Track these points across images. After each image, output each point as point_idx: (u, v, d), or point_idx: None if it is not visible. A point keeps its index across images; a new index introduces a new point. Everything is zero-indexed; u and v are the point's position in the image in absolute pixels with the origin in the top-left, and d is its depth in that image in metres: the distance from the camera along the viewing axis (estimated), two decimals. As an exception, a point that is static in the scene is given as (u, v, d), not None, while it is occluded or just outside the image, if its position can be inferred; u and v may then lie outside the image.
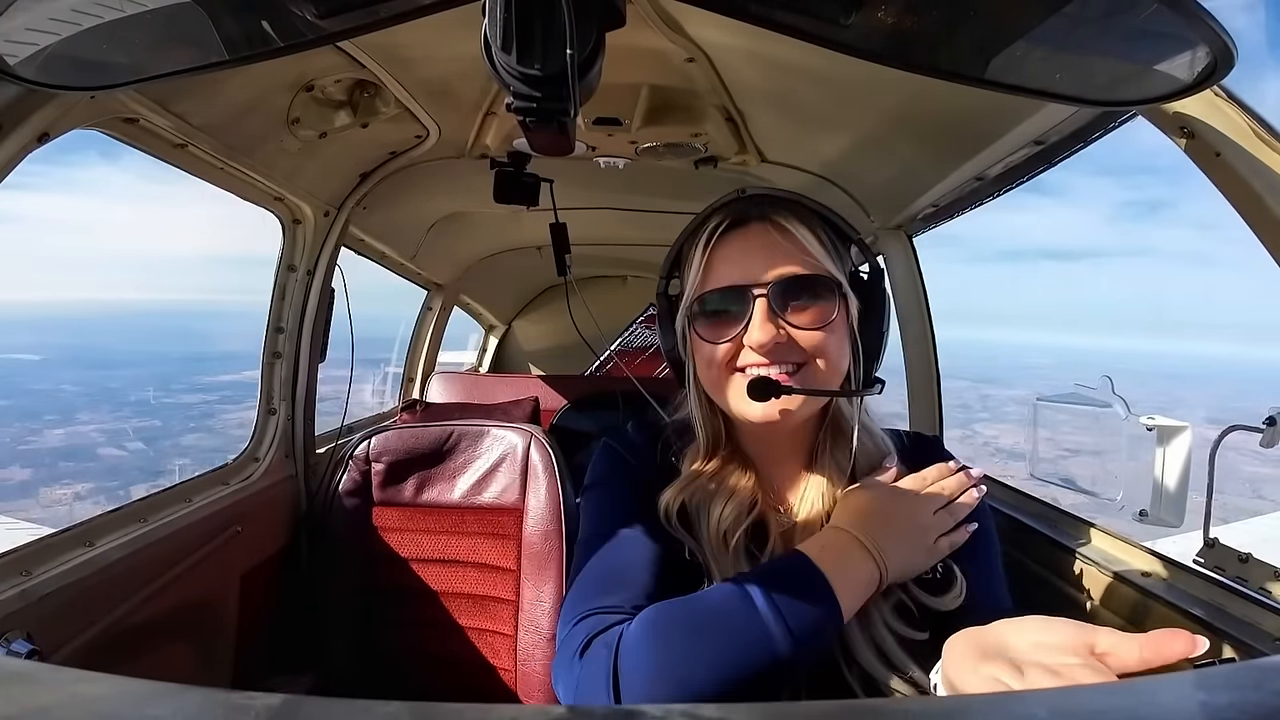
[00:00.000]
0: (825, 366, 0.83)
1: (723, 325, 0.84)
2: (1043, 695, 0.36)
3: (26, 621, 0.98)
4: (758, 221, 0.86)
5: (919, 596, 0.81)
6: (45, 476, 30.07)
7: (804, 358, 0.83)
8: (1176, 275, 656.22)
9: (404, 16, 0.52)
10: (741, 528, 0.85)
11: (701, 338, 0.86)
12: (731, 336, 0.83)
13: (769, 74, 1.32)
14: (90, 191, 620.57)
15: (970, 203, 1.59)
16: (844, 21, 0.50)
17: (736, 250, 0.85)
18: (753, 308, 0.82)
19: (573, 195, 2.00)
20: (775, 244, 0.84)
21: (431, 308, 3.23)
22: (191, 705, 0.33)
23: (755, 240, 0.85)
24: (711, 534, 0.85)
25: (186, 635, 1.37)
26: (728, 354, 0.84)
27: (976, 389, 42.16)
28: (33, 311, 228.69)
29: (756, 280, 0.82)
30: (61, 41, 0.56)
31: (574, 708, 0.35)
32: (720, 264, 0.85)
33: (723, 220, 0.86)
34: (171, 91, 1.16)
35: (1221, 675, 0.37)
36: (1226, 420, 0.96)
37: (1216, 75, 0.51)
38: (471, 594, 1.67)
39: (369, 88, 1.44)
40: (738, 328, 0.83)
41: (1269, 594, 0.88)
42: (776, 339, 0.81)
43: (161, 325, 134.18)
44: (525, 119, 0.57)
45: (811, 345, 0.82)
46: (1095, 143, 1.17)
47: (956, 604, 0.81)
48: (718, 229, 0.86)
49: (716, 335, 0.84)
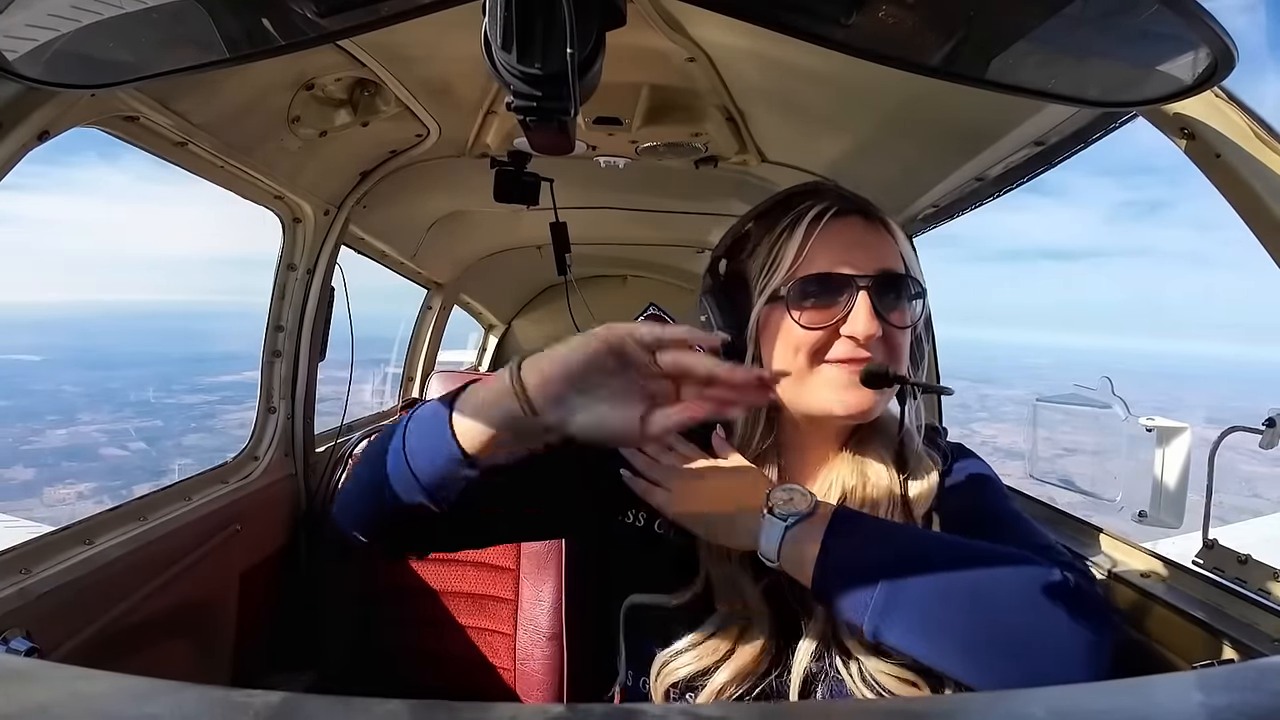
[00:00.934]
0: (901, 366, 0.83)
1: (820, 311, 0.81)
2: (1042, 695, 0.36)
3: (26, 619, 0.98)
4: (855, 213, 0.84)
5: None
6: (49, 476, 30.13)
7: (885, 356, 0.81)
8: (1176, 275, 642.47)
9: (404, 15, 0.52)
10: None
11: (796, 322, 0.81)
12: (829, 324, 0.80)
13: (770, 74, 1.32)
14: (90, 191, 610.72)
15: (970, 203, 1.59)
16: (845, 21, 0.51)
17: (840, 236, 0.82)
18: (856, 298, 0.80)
19: (573, 195, 2.00)
20: (876, 238, 0.84)
21: (431, 307, 3.22)
22: (190, 703, 0.33)
23: (857, 229, 0.84)
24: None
25: (186, 633, 1.37)
26: (819, 342, 0.81)
27: (975, 389, 42.19)
28: (33, 312, 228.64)
29: (862, 270, 0.81)
30: (62, 39, 0.56)
31: (573, 706, 0.35)
32: (822, 249, 0.82)
33: (830, 206, 0.83)
34: (172, 90, 1.16)
35: (1221, 676, 0.37)
36: (1225, 420, 0.96)
37: (1217, 76, 0.51)
38: (470, 593, 1.67)
39: (369, 86, 1.44)
40: (836, 316, 0.80)
41: (1268, 595, 0.88)
42: (878, 332, 0.79)
43: (161, 326, 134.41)
44: (525, 118, 0.57)
45: (896, 344, 0.82)
46: (1095, 143, 1.17)
47: None
48: (825, 213, 0.83)
49: (812, 321, 0.81)
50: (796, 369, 0.82)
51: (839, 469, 0.87)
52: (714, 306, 0.89)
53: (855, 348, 0.79)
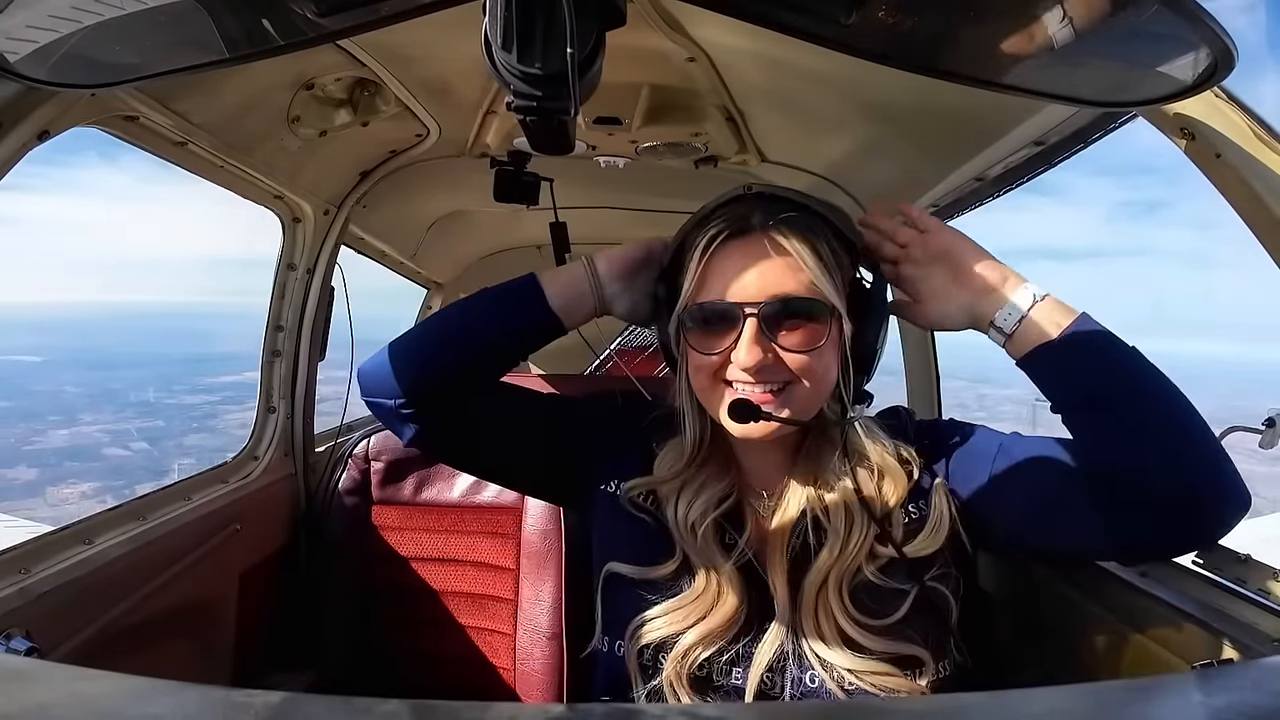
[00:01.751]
0: (811, 386, 0.84)
1: (712, 339, 0.84)
2: (1042, 695, 0.36)
3: (25, 619, 0.98)
4: (757, 233, 0.84)
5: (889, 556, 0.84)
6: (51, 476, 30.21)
7: (790, 377, 0.83)
8: (1174, 275, 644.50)
9: (404, 15, 0.52)
10: (708, 520, 0.88)
11: (691, 347, 0.86)
12: (720, 350, 0.84)
13: (770, 74, 1.32)
14: (90, 192, 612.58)
15: (970, 203, 1.59)
16: (844, 21, 0.51)
17: (733, 263, 0.84)
18: (742, 327, 0.81)
19: (573, 194, 2.00)
20: (772, 260, 0.83)
21: (431, 306, 3.22)
22: (191, 703, 0.33)
23: (752, 255, 0.83)
24: (680, 524, 0.89)
25: (185, 633, 1.37)
26: (715, 365, 0.85)
27: (974, 389, 42.18)
28: (33, 313, 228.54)
29: (749, 298, 0.82)
30: (62, 39, 0.56)
31: (573, 706, 0.35)
32: (715, 276, 0.85)
33: (723, 230, 0.85)
34: (172, 89, 1.16)
35: (1220, 676, 0.37)
36: (1224, 418, 0.96)
37: (1217, 76, 0.51)
38: (470, 593, 1.67)
39: (369, 86, 1.44)
40: (726, 343, 0.83)
41: (1268, 595, 0.88)
42: (763, 361, 0.81)
43: (162, 326, 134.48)
44: (525, 118, 0.57)
45: (799, 366, 0.83)
46: (1094, 143, 1.17)
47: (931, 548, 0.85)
48: (717, 237, 0.85)
49: (705, 347, 0.85)
50: (700, 388, 0.88)
51: (797, 480, 0.90)
52: (657, 317, 0.96)
53: (744, 373, 0.82)
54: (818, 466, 0.90)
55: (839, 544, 0.84)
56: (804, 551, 0.86)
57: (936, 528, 0.86)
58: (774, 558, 0.87)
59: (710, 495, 0.90)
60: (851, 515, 0.86)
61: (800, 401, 0.84)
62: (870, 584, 0.84)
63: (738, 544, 0.88)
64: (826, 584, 0.83)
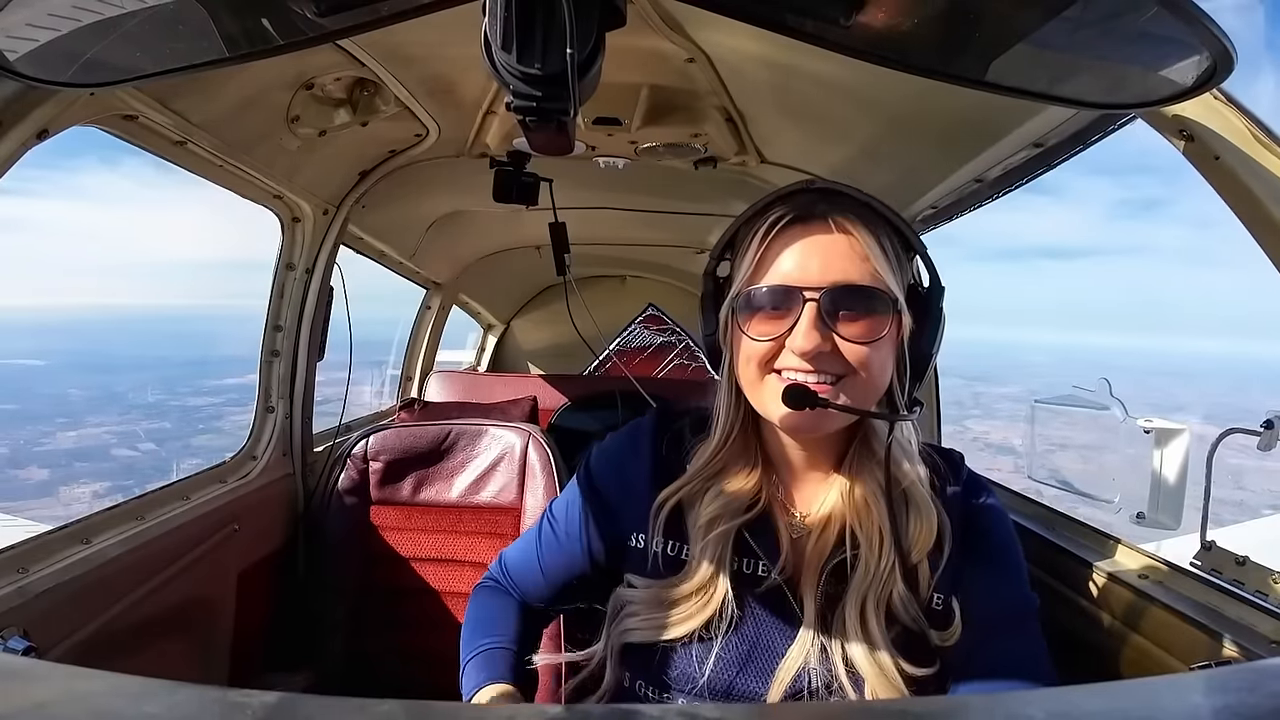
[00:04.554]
0: (867, 381, 0.79)
1: (768, 323, 0.80)
2: (1041, 696, 0.36)
3: (23, 618, 0.98)
4: (822, 219, 0.80)
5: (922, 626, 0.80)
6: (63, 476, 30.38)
7: (846, 369, 0.78)
8: (1172, 273, 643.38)
9: (404, 15, 0.52)
10: (730, 522, 0.84)
11: (744, 332, 0.81)
12: (775, 336, 0.79)
13: (769, 75, 1.32)
14: (91, 196, 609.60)
15: (969, 204, 1.59)
16: (844, 22, 0.51)
17: (795, 247, 0.80)
18: (802, 311, 0.77)
19: (572, 195, 2.00)
20: (836, 246, 0.79)
21: (430, 306, 3.23)
22: (188, 702, 0.33)
23: (816, 239, 0.79)
24: (700, 525, 0.85)
25: (184, 633, 1.37)
26: (768, 353, 0.80)
27: (970, 386, 42.21)
28: (35, 316, 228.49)
29: (810, 282, 0.77)
30: (61, 38, 0.56)
31: (571, 707, 0.35)
32: (775, 259, 0.80)
33: (786, 212, 0.81)
34: (171, 89, 1.16)
35: (1218, 677, 0.37)
36: (1221, 415, 0.97)
37: (1216, 79, 0.51)
38: (468, 593, 1.66)
39: (369, 86, 1.44)
40: (783, 328, 0.78)
41: (1266, 596, 0.88)
42: (820, 347, 0.77)
43: (162, 329, 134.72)
44: (525, 118, 0.57)
45: (856, 358, 0.78)
46: (1093, 145, 1.17)
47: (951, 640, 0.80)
48: (779, 220, 0.81)
49: (760, 332, 0.80)
50: (750, 377, 0.83)
51: (832, 492, 0.85)
52: (705, 309, 0.90)
53: (799, 360, 0.78)
54: (857, 482, 0.84)
55: (873, 566, 0.80)
56: (839, 572, 0.82)
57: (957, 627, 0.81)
58: (808, 577, 0.83)
59: (736, 498, 0.85)
60: (883, 538, 0.81)
61: (856, 396, 0.79)
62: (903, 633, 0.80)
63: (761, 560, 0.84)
64: (865, 607, 0.79)
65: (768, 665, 0.82)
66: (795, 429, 0.82)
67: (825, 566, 0.82)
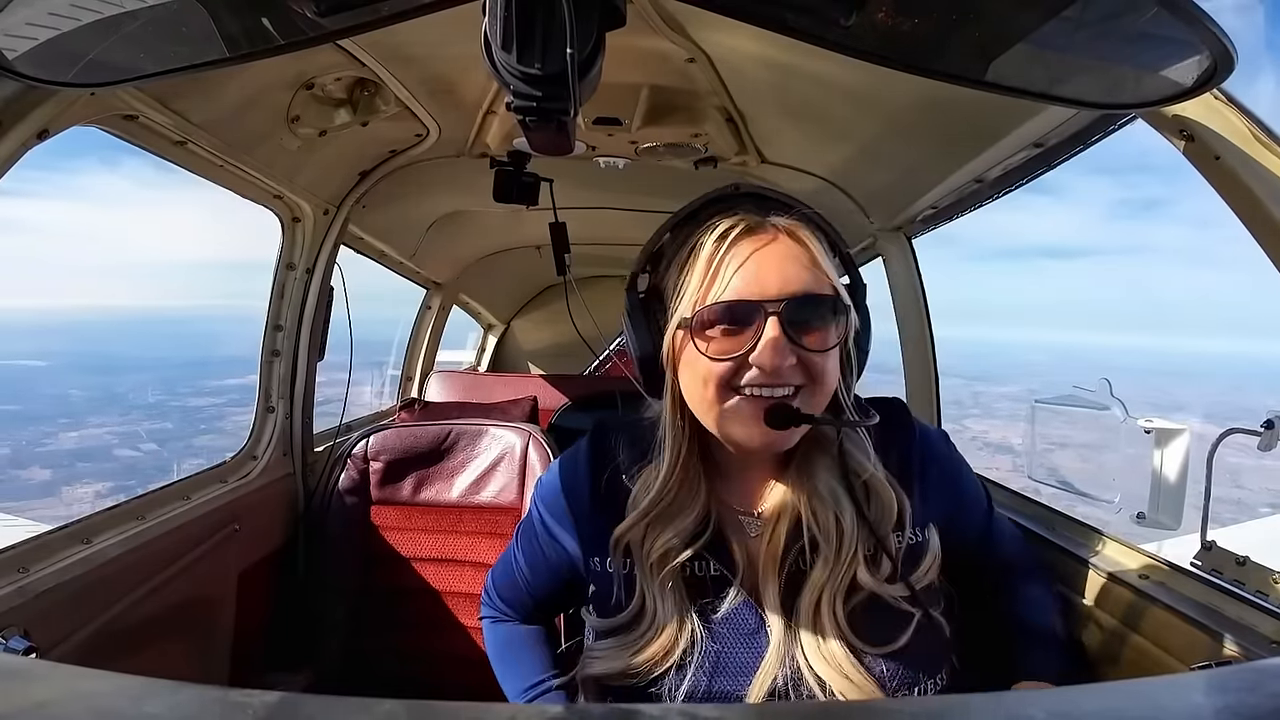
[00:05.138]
0: (826, 387, 0.78)
1: (728, 340, 0.76)
2: (1041, 696, 0.36)
3: (24, 618, 0.98)
4: (772, 228, 0.78)
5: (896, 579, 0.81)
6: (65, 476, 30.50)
7: (805, 380, 0.77)
8: (1172, 273, 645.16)
9: (405, 15, 0.52)
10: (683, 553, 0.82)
11: (702, 353, 0.77)
12: (736, 354, 0.76)
13: (770, 75, 1.32)
14: (92, 197, 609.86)
15: (970, 204, 1.59)
16: (844, 22, 0.50)
17: (751, 259, 0.77)
18: (764, 325, 0.74)
19: (572, 195, 2.00)
20: (790, 255, 0.77)
21: (430, 306, 3.23)
22: (189, 702, 0.33)
23: (770, 249, 0.77)
24: (653, 561, 0.83)
25: (184, 632, 1.37)
26: (728, 372, 0.77)
27: (970, 386, 42.27)
28: (36, 318, 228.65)
29: (770, 295, 0.75)
30: (61, 38, 0.56)
31: (570, 706, 0.35)
32: (729, 272, 0.77)
33: (736, 224, 0.78)
34: (171, 89, 1.16)
35: (1219, 677, 0.37)
36: (1222, 414, 0.97)
37: (1216, 79, 0.51)
38: (468, 593, 1.66)
39: (369, 86, 1.44)
40: (744, 345, 0.75)
41: (1266, 596, 0.88)
42: (785, 362, 0.75)
43: (162, 331, 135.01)
44: (525, 118, 0.57)
45: (815, 368, 0.77)
46: (1093, 145, 1.17)
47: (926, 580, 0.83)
48: (730, 232, 0.78)
49: (720, 351, 0.76)
50: (707, 400, 0.79)
51: (788, 494, 0.83)
52: (632, 326, 0.86)
53: (765, 376, 0.75)
54: (810, 477, 0.83)
55: (831, 559, 0.80)
56: (797, 570, 0.82)
57: (934, 562, 0.84)
58: (766, 580, 0.82)
59: (685, 527, 0.83)
60: (842, 529, 0.80)
61: (814, 406, 0.78)
62: (868, 605, 0.80)
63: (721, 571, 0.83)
64: (820, 603, 0.79)
65: (741, 677, 0.81)
66: (769, 446, 0.79)
67: (783, 566, 0.82)
